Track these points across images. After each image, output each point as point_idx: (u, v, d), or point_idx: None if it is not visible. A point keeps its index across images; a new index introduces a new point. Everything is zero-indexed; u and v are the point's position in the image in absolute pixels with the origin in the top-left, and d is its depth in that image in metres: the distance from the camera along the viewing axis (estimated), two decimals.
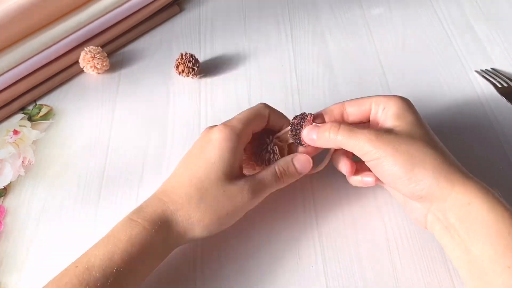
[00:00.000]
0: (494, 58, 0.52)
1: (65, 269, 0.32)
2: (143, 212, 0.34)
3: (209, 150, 0.35)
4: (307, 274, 0.38)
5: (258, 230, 0.40)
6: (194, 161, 0.36)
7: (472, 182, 0.31)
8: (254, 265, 0.38)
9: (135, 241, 0.32)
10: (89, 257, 0.32)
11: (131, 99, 0.52)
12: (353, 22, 0.57)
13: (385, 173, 0.33)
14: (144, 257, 0.33)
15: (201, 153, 0.35)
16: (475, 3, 0.58)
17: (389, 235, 0.39)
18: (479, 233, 0.30)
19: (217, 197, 0.34)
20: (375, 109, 0.35)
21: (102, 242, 0.33)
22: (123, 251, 0.32)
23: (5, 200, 0.44)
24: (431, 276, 0.37)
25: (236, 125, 0.36)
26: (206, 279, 0.38)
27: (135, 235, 0.32)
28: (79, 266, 0.31)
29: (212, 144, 0.35)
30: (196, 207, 0.34)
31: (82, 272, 0.31)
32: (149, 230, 0.33)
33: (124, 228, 0.33)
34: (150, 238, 0.33)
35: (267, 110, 0.38)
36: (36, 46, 0.51)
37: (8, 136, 0.49)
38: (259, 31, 0.57)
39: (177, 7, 0.60)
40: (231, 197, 0.34)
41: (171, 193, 0.35)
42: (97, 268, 0.31)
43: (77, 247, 0.41)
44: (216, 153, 0.35)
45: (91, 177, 0.45)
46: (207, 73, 0.53)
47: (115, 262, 0.31)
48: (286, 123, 0.39)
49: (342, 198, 0.42)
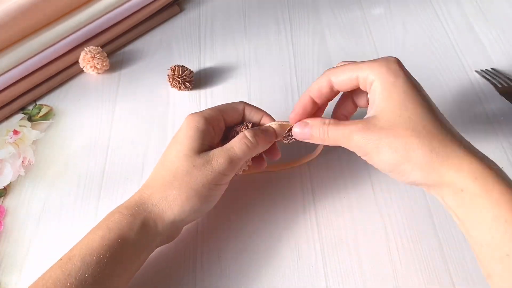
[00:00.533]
0: (494, 58, 0.52)
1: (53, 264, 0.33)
2: (123, 204, 0.35)
3: (178, 134, 0.37)
4: (307, 274, 0.38)
5: (258, 230, 0.40)
6: (167, 149, 0.37)
7: (465, 166, 0.29)
8: (254, 265, 0.38)
9: (112, 226, 0.33)
10: (72, 249, 0.33)
11: (131, 99, 0.52)
12: (353, 22, 0.57)
13: (377, 166, 0.33)
14: (124, 243, 0.33)
15: (174, 139, 0.37)
16: (475, 3, 0.58)
17: (389, 235, 0.39)
18: (475, 219, 0.29)
19: (188, 171, 0.34)
20: (362, 82, 0.34)
21: (85, 235, 0.34)
22: (101, 237, 0.32)
23: (5, 200, 0.44)
24: (431, 276, 0.37)
25: (205, 110, 0.38)
26: (206, 279, 0.38)
27: (112, 221, 0.33)
28: (62, 258, 0.32)
29: (182, 129, 0.37)
30: (170, 186, 0.34)
31: (65, 263, 0.31)
32: (126, 215, 0.34)
33: (105, 218, 0.34)
34: (126, 222, 0.33)
35: (242, 105, 0.39)
36: (36, 46, 0.51)
37: (8, 136, 0.49)
38: (259, 31, 0.57)
39: (177, 7, 0.60)
40: (202, 168, 0.35)
41: (148, 182, 0.36)
42: (77, 257, 0.31)
43: None
44: (184, 134, 0.36)
45: (91, 177, 0.45)
46: (207, 73, 0.54)
47: (94, 249, 0.32)
48: (265, 116, 0.39)
49: (342, 198, 0.42)
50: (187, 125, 0.36)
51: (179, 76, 0.50)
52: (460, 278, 0.36)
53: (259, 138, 0.37)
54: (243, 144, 0.36)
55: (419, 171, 0.31)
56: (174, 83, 0.51)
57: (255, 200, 0.42)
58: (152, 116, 0.50)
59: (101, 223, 0.34)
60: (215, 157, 0.35)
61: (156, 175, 0.36)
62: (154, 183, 0.36)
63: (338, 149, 0.44)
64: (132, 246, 0.33)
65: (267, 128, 0.38)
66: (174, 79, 0.50)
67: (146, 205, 0.34)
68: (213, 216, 0.41)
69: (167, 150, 0.37)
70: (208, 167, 0.35)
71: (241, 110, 0.39)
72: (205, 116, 0.37)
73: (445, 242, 0.38)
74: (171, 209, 0.34)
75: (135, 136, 0.48)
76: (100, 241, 0.32)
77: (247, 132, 0.37)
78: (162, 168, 0.36)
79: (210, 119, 0.37)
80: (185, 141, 0.36)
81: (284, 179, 0.43)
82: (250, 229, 0.40)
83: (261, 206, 0.42)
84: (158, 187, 0.35)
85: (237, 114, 0.39)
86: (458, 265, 0.37)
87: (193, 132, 0.36)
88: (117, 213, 0.34)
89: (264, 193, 0.43)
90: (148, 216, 0.34)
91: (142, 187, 0.36)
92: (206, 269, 0.38)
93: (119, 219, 0.33)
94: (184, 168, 0.35)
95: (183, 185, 0.34)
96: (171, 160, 0.36)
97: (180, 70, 0.50)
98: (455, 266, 0.37)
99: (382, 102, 0.32)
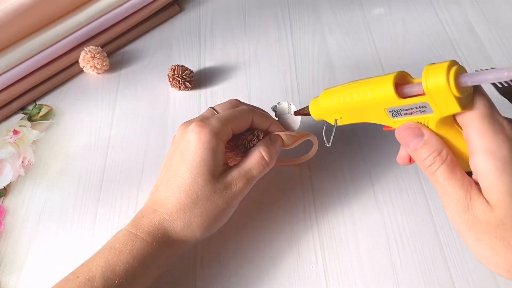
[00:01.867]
0: (494, 58, 0.52)
1: (65, 279, 0.32)
2: (140, 225, 0.34)
3: (190, 153, 0.34)
4: (307, 274, 0.38)
5: (258, 230, 0.40)
6: (177, 166, 0.35)
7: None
8: (254, 265, 0.38)
9: (137, 254, 0.32)
10: (90, 267, 0.32)
11: (131, 99, 0.52)
12: (353, 22, 0.57)
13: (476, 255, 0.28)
14: (145, 269, 0.33)
15: (183, 157, 0.35)
16: (475, 3, 0.58)
17: (389, 235, 0.39)
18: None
19: (209, 198, 0.34)
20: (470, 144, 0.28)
21: (103, 253, 0.32)
22: (125, 263, 0.32)
23: (5, 200, 0.44)
24: (431, 276, 0.37)
25: (215, 124, 0.35)
26: (206, 279, 0.38)
27: (136, 249, 0.32)
28: (80, 277, 0.31)
29: (192, 147, 0.34)
30: (192, 214, 0.34)
31: (84, 283, 0.31)
32: (150, 243, 0.33)
33: (125, 241, 0.33)
34: (151, 251, 0.33)
35: (251, 115, 0.38)
36: (36, 46, 0.51)
37: (8, 136, 0.49)
38: (259, 31, 0.57)
39: (177, 7, 0.60)
40: (222, 193, 0.34)
41: (164, 203, 0.34)
42: (99, 279, 0.31)
43: (77, 247, 0.41)
44: (198, 155, 0.34)
45: (91, 177, 0.45)
46: (207, 73, 0.54)
47: (117, 274, 0.31)
48: (273, 124, 0.39)
49: (342, 198, 0.42)
50: (199, 144, 0.34)
51: (179, 76, 0.50)
52: (460, 278, 0.36)
53: (274, 156, 0.37)
54: (261, 166, 0.36)
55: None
56: (174, 82, 0.51)
57: (255, 200, 0.42)
58: (152, 116, 0.50)
59: (123, 247, 0.32)
60: (234, 181, 0.35)
61: (172, 199, 0.34)
62: (173, 209, 0.34)
63: (338, 149, 0.45)
64: (153, 269, 0.33)
65: (276, 139, 0.38)
66: (174, 79, 0.50)
67: (169, 233, 0.34)
68: None
69: (179, 169, 0.34)
70: (228, 191, 0.35)
71: (250, 119, 0.38)
72: (215, 132, 0.35)
73: (445, 242, 0.38)
74: (194, 235, 0.34)
75: (135, 136, 0.48)
76: (123, 267, 0.32)
77: (263, 151, 0.36)
78: (178, 191, 0.34)
79: (220, 134, 0.35)
80: (201, 163, 0.34)
81: (284, 179, 0.43)
82: (250, 229, 0.40)
83: (261, 206, 0.42)
84: (180, 214, 0.34)
85: (245, 123, 0.38)
86: (458, 265, 0.37)
87: (207, 153, 0.34)
88: (140, 240, 0.33)
89: (264, 193, 0.43)
90: (172, 244, 0.34)
91: (155, 205, 0.35)
92: (206, 269, 0.38)
93: (144, 248, 0.33)
94: (205, 194, 0.34)
95: (205, 213, 0.34)
96: (188, 184, 0.34)
97: (180, 70, 0.50)
98: (455, 266, 0.37)
99: (495, 193, 0.26)
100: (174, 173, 0.35)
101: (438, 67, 0.26)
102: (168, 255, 0.34)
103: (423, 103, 0.28)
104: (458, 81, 0.25)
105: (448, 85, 0.25)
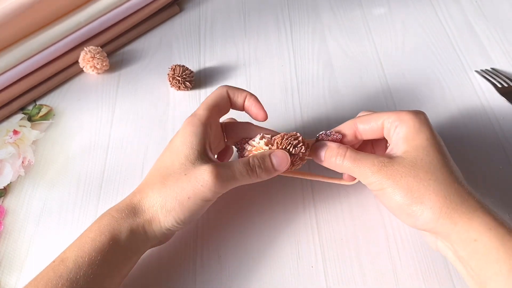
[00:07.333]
0: (494, 58, 0.52)
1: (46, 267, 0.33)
2: (116, 206, 0.35)
3: (174, 139, 0.36)
4: (307, 274, 0.38)
5: (258, 230, 0.40)
6: (163, 153, 0.36)
7: (479, 216, 0.30)
8: (254, 265, 0.38)
9: (103, 229, 0.33)
10: (65, 251, 0.33)
11: (130, 99, 0.52)
12: (353, 22, 0.57)
13: (386, 204, 0.33)
14: (114, 246, 0.33)
15: (169, 143, 0.36)
16: (475, 3, 0.58)
17: (389, 235, 0.39)
18: (491, 271, 0.29)
19: (179, 180, 0.33)
20: (387, 128, 0.35)
21: (78, 237, 0.34)
22: (93, 239, 0.32)
23: (5, 200, 0.44)
24: (431, 276, 0.37)
25: (199, 112, 0.36)
26: (206, 279, 0.38)
27: (103, 224, 0.33)
28: (55, 260, 0.32)
29: (178, 133, 0.36)
30: (158, 193, 0.34)
31: (58, 264, 0.32)
32: (116, 218, 0.33)
33: (96, 220, 0.34)
34: (117, 225, 0.33)
35: (225, 89, 0.38)
36: (36, 46, 0.51)
37: (8, 136, 0.49)
38: (259, 31, 0.57)
39: (177, 7, 0.60)
40: (192, 179, 0.33)
41: (142, 184, 0.36)
42: (69, 258, 0.32)
43: None
44: (179, 139, 0.35)
45: (91, 177, 0.45)
46: (207, 73, 0.54)
47: (85, 251, 0.32)
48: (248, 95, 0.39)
49: (342, 198, 0.42)
50: (184, 131, 0.35)
51: (179, 76, 0.50)
52: (460, 278, 0.36)
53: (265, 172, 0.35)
54: (244, 170, 0.34)
55: (430, 214, 0.30)
56: (174, 82, 0.51)
57: (255, 200, 0.42)
58: (152, 116, 0.50)
59: (93, 226, 0.34)
60: (208, 171, 0.33)
61: (149, 180, 0.35)
62: (145, 188, 0.35)
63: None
64: (123, 249, 0.33)
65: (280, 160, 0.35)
66: (174, 79, 0.50)
67: (136, 210, 0.34)
68: (213, 216, 0.41)
69: (163, 155, 0.36)
70: (199, 179, 0.33)
71: (224, 94, 0.38)
72: (199, 119, 0.35)
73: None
74: (158, 218, 0.34)
75: (135, 136, 0.48)
76: (92, 244, 0.32)
77: (256, 160, 0.35)
78: (156, 173, 0.35)
79: (205, 120, 0.35)
80: (179, 147, 0.34)
81: (284, 179, 0.43)
82: (250, 229, 0.40)
83: (261, 206, 0.42)
84: (148, 192, 0.34)
85: (224, 101, 0.38)
86: None
87: (189, 138, 0.35)
88: (108, 216, 0.34)
89: (264, 193, 0.43)
90: (137, 222, 0.34)
91: (136, 189, 0.36)
92: (206, 269, 0.38)
93: (110, 222, 0.33)
94: (176, 176, 0.33)
95: (170, 194, 0.33)
96: (165, 165, 0.35)
97: (180, 69, 0.50)
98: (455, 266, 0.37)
99: (405, 144, 0.33)
100: (159, 158, 0.36)
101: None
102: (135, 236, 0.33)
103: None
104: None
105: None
